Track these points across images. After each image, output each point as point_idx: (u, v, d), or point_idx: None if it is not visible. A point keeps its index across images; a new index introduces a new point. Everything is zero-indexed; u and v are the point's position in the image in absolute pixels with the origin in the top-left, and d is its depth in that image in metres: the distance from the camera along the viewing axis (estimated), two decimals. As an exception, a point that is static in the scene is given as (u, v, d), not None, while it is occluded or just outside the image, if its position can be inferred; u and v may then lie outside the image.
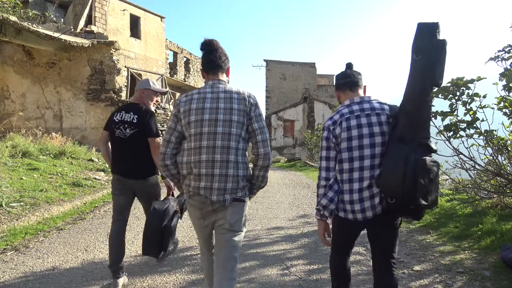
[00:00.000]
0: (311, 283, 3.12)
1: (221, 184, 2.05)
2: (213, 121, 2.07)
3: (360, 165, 2.08)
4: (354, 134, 2.09)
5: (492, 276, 3.14)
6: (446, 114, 4.35)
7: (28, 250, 4.01)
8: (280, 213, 5.90)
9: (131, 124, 3.12)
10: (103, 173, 8.58)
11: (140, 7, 18.24)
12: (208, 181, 2.05)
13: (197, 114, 2.09)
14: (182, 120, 2.14)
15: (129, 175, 3.14)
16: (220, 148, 2.05)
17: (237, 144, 2.08)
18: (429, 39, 1.99)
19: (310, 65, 31.48)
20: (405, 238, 4.38)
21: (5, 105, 12.31)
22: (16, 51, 12.06)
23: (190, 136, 2.11)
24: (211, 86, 2.17)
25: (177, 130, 2.16)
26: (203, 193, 2.07)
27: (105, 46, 12.05)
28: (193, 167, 2.08)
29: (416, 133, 2.01)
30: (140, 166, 3.14)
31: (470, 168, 4.48)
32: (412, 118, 2.01)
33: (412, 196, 1.92)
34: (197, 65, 27.22)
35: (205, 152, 2.05)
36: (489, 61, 4.25)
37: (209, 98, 2.12)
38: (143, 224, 5.06)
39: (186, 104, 2.14)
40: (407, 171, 1.91)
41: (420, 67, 2.02)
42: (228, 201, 2.07)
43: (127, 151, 3.12)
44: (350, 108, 2.17)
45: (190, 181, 2.10)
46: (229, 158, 2.05)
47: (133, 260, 3.72)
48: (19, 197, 5.56)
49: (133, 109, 3.21)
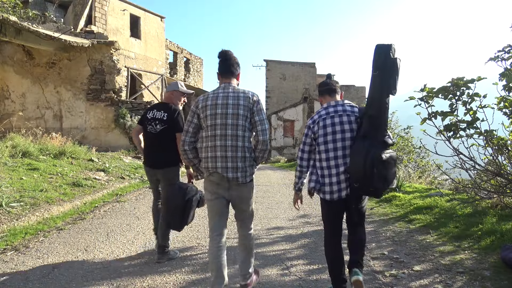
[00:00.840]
0: (311, 283, 3.12)
1: (233, 163, 2.62)
2: (224, 115, 2.64)
3: (334, 155, 2.66)
4: (328, 131, 2.68)
5: (492, 276, 3.14)
6: (446, 114, 4.35)
7: (28, 250, 4.01)
8: (280, 213, 5.90)
9: (162, 121, 3.68)
10: (103, 173, 8.59)
11: (140, 7, 18.24)
12: (223, 162, 2.62)
13: (212, 109, 2.67)
14: (200, 114, 2.71)
15: (156, 166, 3.73)
16: (230, 136, 2.63)
17: (243, 132, 2.66)
18: (383, 58, 2.51)
19: (310, 65, 31.48)
20: (405, 238, 4.38)
21: (5, 105, 12.31)
22: (16, 51, 12.06)
23: (207, 127, 2.68)
24: (223, 87, 2.76)
25: (193, 122, 2.75)
26: (220, 172, 2.63)
27: (105, 46, 12.06)
28: (210, 151, 2.66)
29: (376, 132, 2.56)
30: (167, 157, 3.69)
31: (470, 168, 4.48)
32: (373, 120, 2.56)
33: (371, 181, 2.47)
34: (197, 65, 27.21)
35: (219, 139, 2.63)
36: (489, 61, 4.25)
37: (221, 96, 2.69)
38: (143, 224, 5.08)
39: (203, 102, 2.71)
40: (366, 162, 2.45)
41: (378, 81, 2.55)
42: (241, 179, 2.66)
43: (157, 144, 3.70)
44: (327, 110, 2.76)
45: (208, 163, 2.67)
46: (238, 143, 2.63)
47: (133, 260, 3.72)
48: (19, 197, 5.57)
49: (163, 108, 3.76)
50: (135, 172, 9.70)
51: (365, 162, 2.46)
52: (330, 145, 2.67)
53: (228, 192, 2.71)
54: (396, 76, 2.54)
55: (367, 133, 2.56)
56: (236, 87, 2.77)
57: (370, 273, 3.32)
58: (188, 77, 25.41)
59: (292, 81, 30.98)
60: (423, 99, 4.37)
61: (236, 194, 2.72)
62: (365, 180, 2.48)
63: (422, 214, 5.16)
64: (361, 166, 2.47)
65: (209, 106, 2.67)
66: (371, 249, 4.02)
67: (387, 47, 2.52)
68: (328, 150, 2.67)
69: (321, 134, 2.69)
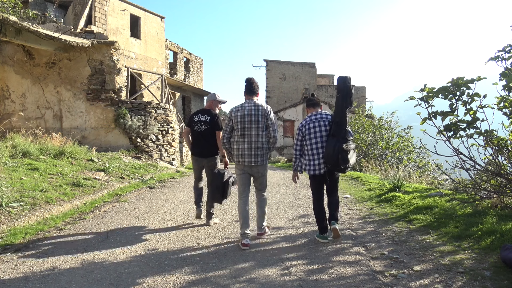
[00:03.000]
0: (311, 283, 3.12)
1: (255, 152, 4.18)
2: (248, 122, 4.18)
3: (316, 147, 4.21)
4: (311, 131, 4.25)
5: (492, 276, 3.14)
6: (446, 114, 4.35)
7: (28, 250, 4.02)
8: (280, 213, 5.90)
9: (205, 123, 5.00)
10: (103, 173, 8.58)
11: (140, 7, 18.23)
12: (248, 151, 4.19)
13: (241, 117, 4.21)
14: (233, 120, 4.25)
15: (201, 155, 5.04)
16: (253, 136, 4.18)
17: (262, 132, 4.20)
18: (342, 86, 4.16)
19: (310, 65, 31.46)
20: (405, 238, 4.38)
21: (5, 105, 12.31)
22: (16, 51, 12.06)
23: (237, 129, 4.24)
24: (248, 102, 4.31)
25: (229, 125, 4.32)
26: (248, 161, 4.20)
27: (105, 46, 12.04)
28: (240, 144, 4.22)
29: (339, 132, 4.08)
30: (209, 149, 5.00)
31: (470, 168, 4.48)
32: (338, 124, 4.11)
33: (337, 163, 4.01)
34: (197, 65, 27.20)
35: (246, 137, 4.19)
36: (489, 61, 4.25)
37: (246, 109, 4.24)
38: (143, 224, 5.09)
39: (235, 112, 4.26)
40: (334, 151, 4.00)
41: (340, 100, 4.15)
42: (259, 162, 4.22)
43: (202, 140, 5.01)
44: (311, 117, 4.33)
45: (239, 151, 4.24)
46: (258, 140, 4.19)
47: (133, 260, 3.72)
48: (19, 197, 5.57)
49: (206, 113, 5.08)
50: (135, 172, 9.70)
51: (333, 151, 4.02)
52: (313, 140, 4.24)
53: (251, 170, 4.28)
54: (351, 97, 4.18)
55: (334, 132, 4.12)
56: (256, 102, 4.31)
57: (370, 273, 3.32)
58: (188, 77, 25.40)
59: (292, 81, 30.97)
60: (423, 99, 4.38)
61: (256, 171, 4.29)
62: (334, 162, 4.04)
63: (422, 214, 5.16)
64: (331, 154, 4.04)
65: (239, 115, 4.23)
66: (371, 249, 4.02)
67: (345, 78, 4.18)
68: (312, 144, 4.24)
69: (307, 134, 4.28)
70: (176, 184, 9.06)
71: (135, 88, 17.08)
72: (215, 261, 3.68)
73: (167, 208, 6.23)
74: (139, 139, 12.10)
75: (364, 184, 8.75)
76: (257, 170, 4.25)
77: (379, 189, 7.70)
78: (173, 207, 6.32)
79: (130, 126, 11.88)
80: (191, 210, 5.92)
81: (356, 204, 6.57)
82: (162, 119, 12.82)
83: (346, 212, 5.90)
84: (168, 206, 6.35)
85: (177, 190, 8.05)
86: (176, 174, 11.20)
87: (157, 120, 12.62)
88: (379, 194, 7.18)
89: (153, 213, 5.82)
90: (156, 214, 5.78)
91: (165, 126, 12.93)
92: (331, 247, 4.07)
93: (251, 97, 4.32)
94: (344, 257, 3.76)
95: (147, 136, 12.27)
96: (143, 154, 12.01)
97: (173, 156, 13.22)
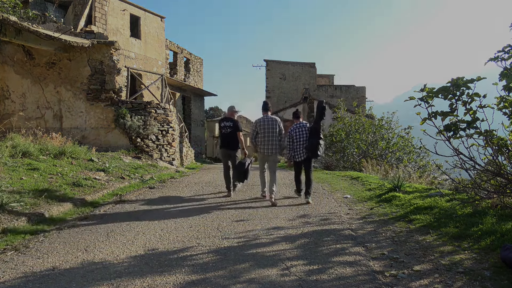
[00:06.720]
0: (311, 283, 3.12)
1: (272, 147, 6.86)
2: (267, 128, 6.85)
3: (299, 143, 6.81)
4: (297, 134, 6.85)
5: (492, 276, 3.14)
6: (446, 114, 4.35)
7: (28, 250, 4.02)
8: (280, 213, 5.90)
9: (230, 127, 7.31)
10: (103, 173, 8.58)
11: (140, 7, 18.24)
12: (267, 147, 6.86)
13: (263, 126, 6.88)
14: (257, 127, 6.90)
15: (228, 148, 7.36)
16: (270, 137, 6.85)
17: (277, 137, 6.89)
18: (320, 105, 6.74)
19: (310, 65, 31.43)
20: (405, 238, 4.38)
21: (5, 105, 12.31)
22: (16, 51, 12.05)
23: (260, 133, 6.88)
24: (266, 116, 6.98)
25: (255, 131, 6.95)
26: (266, 152, 6.88)
27: (105, 46, 12.04)
28: (262, 143, 6.88)
29: (316, 134, 6.69)
30: (233, 144, 7.34)
31: (470, 168, 4.48)
32: (314, 129, 6.75)
33: (314, 152, 6.66)
34: (197, 65, 27.20)
35: (266, 138, 6.85)
36: (489, 61, 4.25)
37: (265, 121, 6.90)
38: (142, 225, 5.09)
39: (259, 122, 6.92)
40: (312, 145, 6.64)
41: (317, 113, 6.73)
42: (274, 153, 6.91)
43: (228, 138, 7.33)
44: (296, 125, 6.97)
45: (263, 148, 6.88)
46: (274, 140, 6.86)
47: (133, 260, 3.72)
48: (19, 197, 5.56)
49: (230, 120, 7.39)
50: (135, 172, 9.70)
51: (311, 145, 6.61)
52: (299, 139, 6.81)
53: (267, 157, 6.92)
54: (324, 113, 6.69)
55: (312, 134, 6.70)
56: (270, 116, 6.96)
57: (370, 273, 3.32)
58: (188, 77, 25.40)
59: (292, 81, 30.96)
60: (423, 99, 4.37)
61: (272, 158, 6.92)
62: (312, 152, 6.64)
63: (422, 214, 5.16)
64: (310, 147, 6.63)
65: (261, 124, 6.86)
66: (371, 249, 4.02)
67: (321, 101, 6.82)
68: (298, 142, 6.81)
69: (293, 135, 6.84)
70: (176, 184, 9.06)
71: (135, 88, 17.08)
72: (215, 261, 3.68)
73: (167, 208, 6.24)
74: (139, 139, 12.10)
75: (364, 184, 8.75)
76: (271, 157, 6.89)
77: (379, 189, 7.71)
78: (173, 207, 6.32)
79: (130, 126, 11.88)
80: (191, 210, 5.92)
81: (356, 204, 6.57)
82: (162, 119, 12.82)
83: (346, 212, 5.90)
84: (168, 206, 6.36)
85: (177, 190, 8.06)
86: (176, 174, 11.20)
87: (157, 120, 12.62)
88: (379, 194, 7.19)
89: (153, 213, 5.82)
90: (156, 214, 5.78)
91: (165, 126, 12.92)
92: (331, 247, 4.07)
93: (266, 113, 7.00)
94: (344, 257, 3.76)
95: (147, 136, 12.27)
96: (143, 154, 12.01)
97: (173, 156, 13.22)
